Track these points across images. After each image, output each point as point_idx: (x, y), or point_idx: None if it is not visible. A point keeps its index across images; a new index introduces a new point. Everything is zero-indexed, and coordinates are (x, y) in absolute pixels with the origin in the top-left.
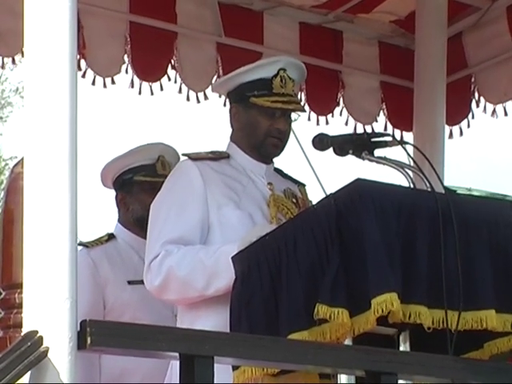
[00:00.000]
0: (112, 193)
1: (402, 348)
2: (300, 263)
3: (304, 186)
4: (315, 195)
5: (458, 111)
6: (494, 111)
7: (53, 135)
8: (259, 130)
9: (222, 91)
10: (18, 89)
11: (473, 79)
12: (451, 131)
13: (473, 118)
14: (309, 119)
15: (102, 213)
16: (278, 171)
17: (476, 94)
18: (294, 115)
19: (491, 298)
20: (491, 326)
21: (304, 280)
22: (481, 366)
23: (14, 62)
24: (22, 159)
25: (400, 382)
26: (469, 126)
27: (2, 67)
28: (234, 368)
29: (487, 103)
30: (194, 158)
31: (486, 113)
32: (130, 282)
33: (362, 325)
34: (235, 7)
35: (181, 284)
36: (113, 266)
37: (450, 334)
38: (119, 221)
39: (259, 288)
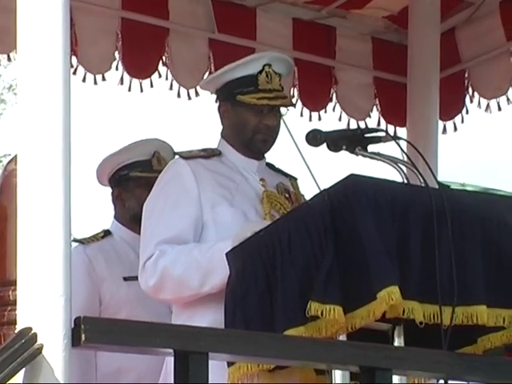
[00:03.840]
0: (106, 190)
1: (396, 343)
2: (294, 259)
3: (296, 179)
4: (307, 189)
5: (451, 106)
6: (487, 106)
7: (46, 132)
8: (248, 127)
9: (211, 89)
10: (11, 86)
11: (466, 74)
12: (445, 126)
13: (467, 113)
14: (301, 115)
15: (97, 210)
16: (270, 166)
17: (470, 89)
18: (283, 109)
19: (483, 294)
20: (482, 321)
21: (299, 276)
22: (475, 361)
23: (9, 59)
24: (16, 156)
25: (395, 377)
26: (463, 121)
27: None
28: (229, 364)
29: (481, 98)
30: (186, 156)
31: (480, 108)
32: (125, 279)
33: (364, 318)
34: (228, 3)
35: (176, 283)
36: (109, 262)
37: (444, 329)
38: (115, 217)
39: (254, 284)
